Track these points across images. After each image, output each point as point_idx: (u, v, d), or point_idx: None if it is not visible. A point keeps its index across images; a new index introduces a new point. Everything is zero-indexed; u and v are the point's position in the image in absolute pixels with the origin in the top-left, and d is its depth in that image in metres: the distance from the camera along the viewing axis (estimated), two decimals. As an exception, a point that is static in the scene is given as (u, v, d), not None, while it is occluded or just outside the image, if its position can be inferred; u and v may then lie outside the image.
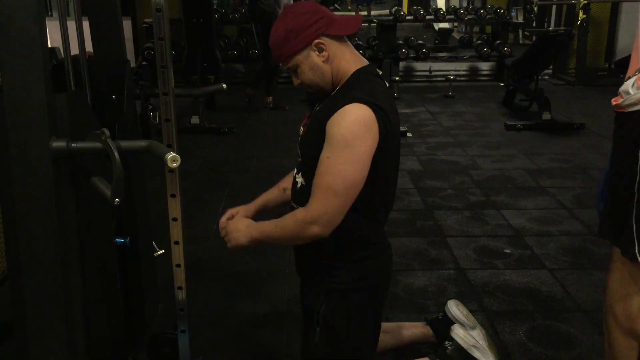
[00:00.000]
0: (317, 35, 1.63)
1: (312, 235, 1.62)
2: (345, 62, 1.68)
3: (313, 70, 1.66)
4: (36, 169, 1.49)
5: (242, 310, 2.66)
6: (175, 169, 1.51)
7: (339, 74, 1.68)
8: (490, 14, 8.34)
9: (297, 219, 1.65)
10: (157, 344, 2.17)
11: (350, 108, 1.56)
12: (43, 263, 1.55)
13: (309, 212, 1.61)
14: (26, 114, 1.46)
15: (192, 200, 3.91)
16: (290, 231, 1.66)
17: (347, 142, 1.55)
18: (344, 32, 1.68)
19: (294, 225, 1.65)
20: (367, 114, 1.56)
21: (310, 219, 1.60)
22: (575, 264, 3.05)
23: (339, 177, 1.57)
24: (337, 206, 1.59)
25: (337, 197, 1.58)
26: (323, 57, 1.65)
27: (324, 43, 1.64)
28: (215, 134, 5.69)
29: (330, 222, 1.60)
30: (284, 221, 1.69)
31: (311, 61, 1.65)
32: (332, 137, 1.57)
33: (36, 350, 1.62)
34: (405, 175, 4.44)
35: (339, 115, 1.57)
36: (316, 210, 1.60)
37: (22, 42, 1.41)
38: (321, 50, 1.64)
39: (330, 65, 1.67)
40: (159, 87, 1.75)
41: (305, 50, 1.64)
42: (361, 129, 1.56)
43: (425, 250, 3.21)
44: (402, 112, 6.55)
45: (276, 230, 1.69)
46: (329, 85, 1.70)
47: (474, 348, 2.05)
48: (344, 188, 1.58)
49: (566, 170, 4.54)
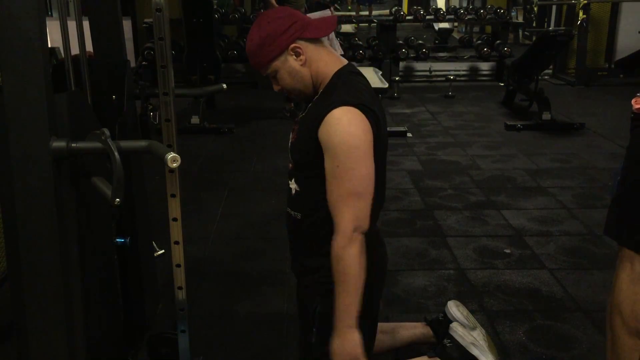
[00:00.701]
0: (293, 40, 1.62)
1: (360, 242, 1.58)
2: (324, 64, 1.67)
3: (292, 75, 1.66)
4: (36, 169, 1.49)
5: (242, 310, 2.66)
6: (175, 169, 1.51)
7: (318, 76, 1.68)
8: (490, 14, 8.34)
9: (339, 248, 1.58)
10: (157, 344, 2.17)
11: (340, 112, 1.56)
12: (43, 263, 1.55)
13: (342, 229, 1.58)
14: (26, 114, 1.46)
15: (192, 200, 3.91)
16: (347, 266, 1.58)
17: (350, 145, 1.56)
18: (319, 34, 1.68)
19: (343, 257, 1.58)
20: (358, 115, 1.57)
21: (349, 232, 1.57)
22: (575, 264, 3.05)
23: (356, 179, 1.57)
24: (364, 206, 1.59)
25: (361, 198, 1.59)
26: (301, 61, 1.64)
27: (300, 47, 1.63)
28: (215, 134, 5.69)
29: (364, 222, 1.59)
30: (336, 275, 1.60)
31: (289, 66, 1.65)
32: (332, 146, 1.57)
33: (36, 351, 1.62)
34: (405, 175, 4.44)
35: (331, 123, 1.57)
36: (349, 221, 1.58)
37: (22, 42, 1.41)
38: (298, 54, 1.63)
39: (309, 69, 1.66)
40: (159, 87, 1.75)
41: (282, 55, 1.63)
42: (358, 129, 1.57)
43: (425, 250, 3.21)
44: (402, 112, 6.55)
45: (343, 291, 1.59)
46: (309, 88, 1.69)
47: (472, 345, 2.05)
48: (363, 187, 1.59)
49: (566, 170, 4.53)
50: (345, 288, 1.59)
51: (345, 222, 1.58)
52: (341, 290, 1.60)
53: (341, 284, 1.59)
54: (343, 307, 1.60)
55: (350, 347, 1.61)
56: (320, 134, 1.58)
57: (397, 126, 5.75)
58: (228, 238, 3.41)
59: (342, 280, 1.59)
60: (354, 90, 1.63)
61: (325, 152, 1.59)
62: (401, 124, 5.93)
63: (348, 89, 1.62)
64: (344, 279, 1.59)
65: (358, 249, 1.59)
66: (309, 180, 1.67)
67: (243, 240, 3.37)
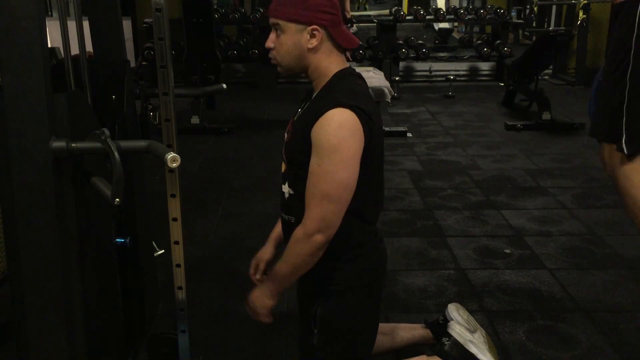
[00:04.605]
0: (319, 23, 1.62)
1: (318, 245, 1.62)
2: (328, 62, 1.67)
3: (293, 47, 1.64)
4: (36, 169, 1.49)
5: (242, 310, 2.64)
6: (175, 169, 1.51)
7: (316, 69, 1.67)
8: (490, 14, 8.33)
9: (298, 238, 1.64)
10: (157, 344, 2.17)
11: (333, 114, 1.56)
12: (43, 263, 1.55)
13: (307, 224, 1.61)
14: (26, 114, 1.46)
15: (192, 200, 3.91)
16: (297, 255, 1.65)
17: (334, 147, 1.56)
18: (342, 41, 1.68)
19: (297, 246, 1.65)
20: (350, 118, 1.57)
21: (311, 230, 1.60)
22: (575, 264, 3.05)
23: (332, 183, 1.58)
24: (334, 211, 1.60)
25: (332, 202, 1.59)
26: (311, 44, 1.63)
27: (319, 33, 1.63)
28: (215, 134, 5.69)
29: (330, 227, 1.61)
30: (287, 252, 1.69)
31: (298, 39, 1.64)
32: (319, 145, 1.58)
33: (36, 350, 1.62)
34: (405, 175, 4.44)
35: (323, 122, 1.57)
36: (314, 220, 1.60)
37: (22, 42, 1.41)
38: (313, 36, 1.63)
39: (312, 56, 1.65)
40: (159, 87, 1.74)
41: (301, 25, 1.62)
42: (346, 133, 1.56)
43: (425, 250, 3.21)
44: (402, 112, 6.55)
45: (285, 266, 1.70)
46: (296, 70, 1.69)
47: (471, 343, 2.04)
48: (338, 192, 1.59)
49: (566, 170, 4.53)
50: (287, 268, 1.69)
51: (311, 220, 1.60)
52: (284, 267, 1.70)
53: (286, 262, 1.69)
54: (279, 277, 1.72)
55: (261, 303, 1.76)
56: (312, 133, 1.59)
57: (397, 126, 5.76)
58: (228, 238, 3.41)
59: (288, 260, 1.68)
60: (351, 92, 1.63)
61: (312, 150, 1.60)
62: (401, 124, 5.93)
63: (345, 91, 1.62)
64: (291, 260, 1.68)
65: (312, 250, 1.62)
66: (302, 182, 1.66)
67: (243, 240, 3.36)
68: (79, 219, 1.67)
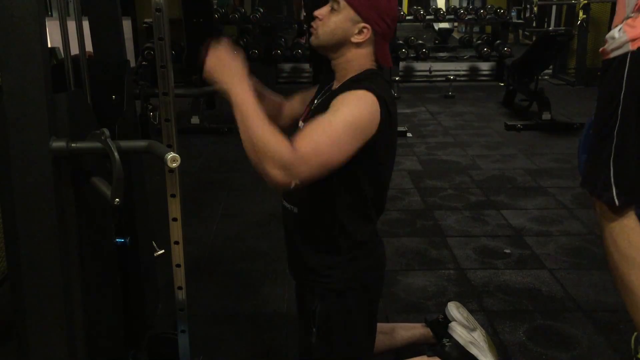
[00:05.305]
0: (372, 24, 1.62)
1: (272, 175, 1.46)
2: (364, 61, 1.67)
3: (340, 31, 1.63)
4: (36, 169, 1.49)
5: (242, 310, 2.66)
6: (175, 169, 1.51)
7: (349, 63, 1.67)
8: (490, 14, 8.34)
9: (281, 149, 1.46)
10: (156, 344, 2.17)
11: (358, 92, 1.56)
12: (43, 263, 1.55)
13: (291, 154, 1.45)
14: (26, 114, 1.45)
15: (192, 200, 3.91)
16: (264, 143, 1.46)
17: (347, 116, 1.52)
18: (380, 55, 1.68)
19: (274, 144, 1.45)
20: (371, 101, 1.55)
21: (288, 162, 1.44)
22: (575, 264, 3.05)
23: (327, 140, 1.49)
24: (316, 163, 1.48)
25: (318, 156, 1.48)
26: (355, 38, 1.63)
27: (368, 33, 1.62)
28: (215, 134, 5.69)
29: (294, 175, 1.45)
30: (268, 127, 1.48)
31: (347, 27, 1.63)
32: (334, 106, 1.55)
33: (36, 350, 1.62)
34: (405, 175, 4.44)
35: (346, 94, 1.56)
36: (298, 159, 1.45)
37: (22, 42, 1.41)
38: (361, 33, 1.63)
39: (351, 49, 1.65)
40: (159, 87, 1.74)
41: (357, 17, 1.62)
42: (364, 111, 1.54)
43: (425, 250, 3.21)
44: (402, 112, 6.54)
45: (255, 121, 1.49)
46: (329, 53, 1.68)
47: (472, 345, 2.05)
48: (327, 151, 1.49)
49: (566, 170, 4.53)
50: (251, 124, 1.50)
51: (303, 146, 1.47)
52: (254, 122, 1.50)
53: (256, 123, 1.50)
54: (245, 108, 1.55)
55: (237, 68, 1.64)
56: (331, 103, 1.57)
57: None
58: (228, 238, 3.41)
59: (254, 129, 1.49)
60: (381, 85, 1.63)
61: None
62: (401, 124, 5.92)
63: (374, 82, 1.62)
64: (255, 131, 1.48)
65: (268, 171, 1.46)
66: None
67: (243, 240, 3.36)
68: (79, 218, 1.67)
